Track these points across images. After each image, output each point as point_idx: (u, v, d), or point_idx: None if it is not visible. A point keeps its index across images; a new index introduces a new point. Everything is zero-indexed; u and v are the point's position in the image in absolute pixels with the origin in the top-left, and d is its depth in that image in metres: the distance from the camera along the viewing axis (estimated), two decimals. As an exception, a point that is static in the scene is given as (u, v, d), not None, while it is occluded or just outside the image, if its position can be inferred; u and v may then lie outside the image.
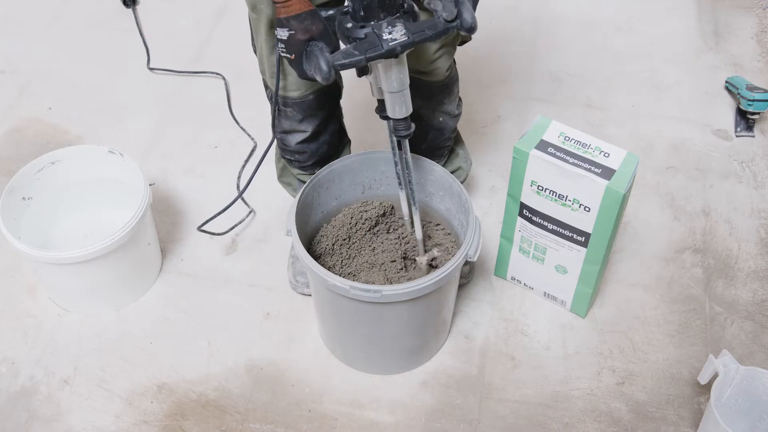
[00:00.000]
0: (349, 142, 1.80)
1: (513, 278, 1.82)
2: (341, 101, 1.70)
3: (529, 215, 1.65)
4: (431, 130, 1.71)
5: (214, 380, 1.68)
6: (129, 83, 2.32)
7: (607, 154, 1.53)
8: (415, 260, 1.68)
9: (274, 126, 1.63)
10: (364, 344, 1.64)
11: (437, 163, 1.69)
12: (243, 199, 1.93)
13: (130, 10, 2.51)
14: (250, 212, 1.96)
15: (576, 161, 1.52)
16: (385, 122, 1.47)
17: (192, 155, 2.12)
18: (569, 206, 1.56)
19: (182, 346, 1.73)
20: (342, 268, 1.68)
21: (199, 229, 1.82)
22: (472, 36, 1.56)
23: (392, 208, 1.75)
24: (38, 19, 2.52)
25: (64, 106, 2.26)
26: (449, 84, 1.65)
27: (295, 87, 1.54)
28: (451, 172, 1.79)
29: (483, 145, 2.13)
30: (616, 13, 2.53)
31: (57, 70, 2.36)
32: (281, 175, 1.84)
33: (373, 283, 1.67)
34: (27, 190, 1.77)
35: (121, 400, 1.65)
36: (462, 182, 1.77)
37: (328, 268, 1.62)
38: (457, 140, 1.88)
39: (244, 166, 2.06)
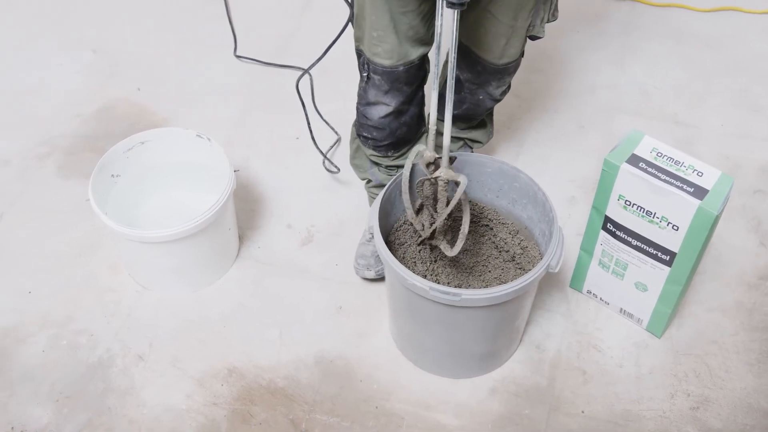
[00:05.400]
0: (427, 131, 1.79)
1: (589, 292, 1.79)
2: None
3: (613, 229, 1.62)
4: (467, 102, 1.72)
5: (284, 369, 1.70)
6: (215, 69, 2.36)
7: (700, 173, 1.50)
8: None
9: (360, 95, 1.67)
10: (436, 346, 1.63)
11: (461, 126, 1.78)
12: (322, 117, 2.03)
13: (220, -3, 2.55)
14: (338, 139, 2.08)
15: (668, 178, 1.49)
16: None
17: (274, 144, 2.14)
18: (657, 223, 1.53)
19: (255, 333, 1.75)
20: (419, 265, 1.68)
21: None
22: (543, 35, 1.62)
23: (482, 209, 1.73)
24: (131, 1, 2.58)
25: (152, 87, 2.31)
26: (504, 71, 1.66)
27: (387, 55, 1.55)
28: (471, 141, 1.87)
29: (565, 155, 2.10)
30: (707, 28, 2.47)
31: (147, 52, 2.42)
32: (354, 157, 1.85)
33: (449, 284, 1.67)
34: (116, 167, 1.81)
35: (192, 380, 1.68)
36: (471, 151, 1.86)
37: (404, 264, 1.61)
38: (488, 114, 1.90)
39: (325, 155, 2.08)
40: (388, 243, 1.66)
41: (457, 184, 1.47)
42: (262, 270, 1.87)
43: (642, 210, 1.54)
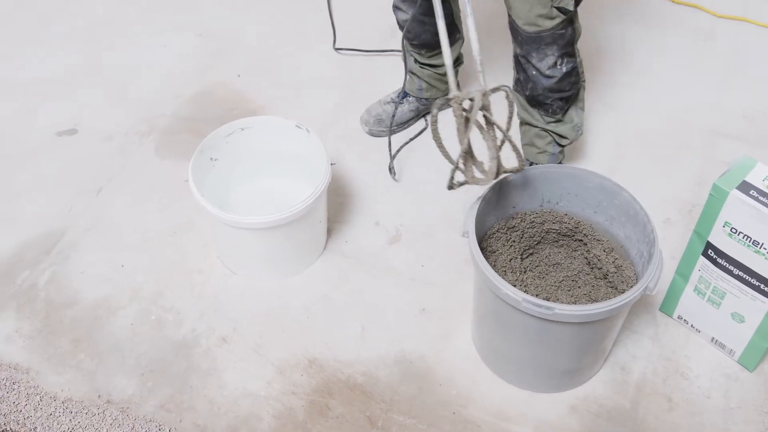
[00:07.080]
0: (461, 40, 1.98)
1: (680, 317, 1.74)
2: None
3: (715, 256, 1.57)
4: (528, 80, 1.76)
5: (363, 365, 1.70)
6: (315, 61, 2.38)
7: (815, 207, 1.44)
8: None
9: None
10: (519, 357, 1.61)
11: (546, 119, 1.81)
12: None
13: (322, -10, 2.57)
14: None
15: (780, 209, 1.44)
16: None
17: (367, 140, 2.15)
18: (764, 255, 1.48)
19: (337, 326, 1.76)
20: (509, 275, 1.66)
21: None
22: (571, 8, 1.63)
23: (578, 224, 1.70)
24: (236, -11, 2.63)
25: (251, 74, 2.34)
26: (539, 40, 1.68)
27: None
28: (558, 137, 1.86)
29: (662, 175, 2.05)
30: (822, 55, 2.38)
31: (249, 39, 2.46)
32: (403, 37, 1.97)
33: (537, 296, 1.64)
34: (215, 151, 1.84)
35: (273, 367, 1.70)
36: (563, 147, 1.89)
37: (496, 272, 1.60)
38: (573, 101, 1.83)
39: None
40: (481, 250, 1.64)
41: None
42: (347, 264, 1.88)
43: (749, 239, 1.49)
